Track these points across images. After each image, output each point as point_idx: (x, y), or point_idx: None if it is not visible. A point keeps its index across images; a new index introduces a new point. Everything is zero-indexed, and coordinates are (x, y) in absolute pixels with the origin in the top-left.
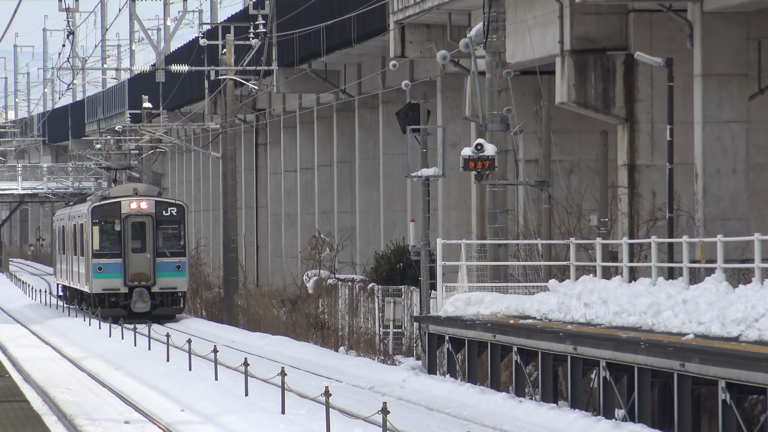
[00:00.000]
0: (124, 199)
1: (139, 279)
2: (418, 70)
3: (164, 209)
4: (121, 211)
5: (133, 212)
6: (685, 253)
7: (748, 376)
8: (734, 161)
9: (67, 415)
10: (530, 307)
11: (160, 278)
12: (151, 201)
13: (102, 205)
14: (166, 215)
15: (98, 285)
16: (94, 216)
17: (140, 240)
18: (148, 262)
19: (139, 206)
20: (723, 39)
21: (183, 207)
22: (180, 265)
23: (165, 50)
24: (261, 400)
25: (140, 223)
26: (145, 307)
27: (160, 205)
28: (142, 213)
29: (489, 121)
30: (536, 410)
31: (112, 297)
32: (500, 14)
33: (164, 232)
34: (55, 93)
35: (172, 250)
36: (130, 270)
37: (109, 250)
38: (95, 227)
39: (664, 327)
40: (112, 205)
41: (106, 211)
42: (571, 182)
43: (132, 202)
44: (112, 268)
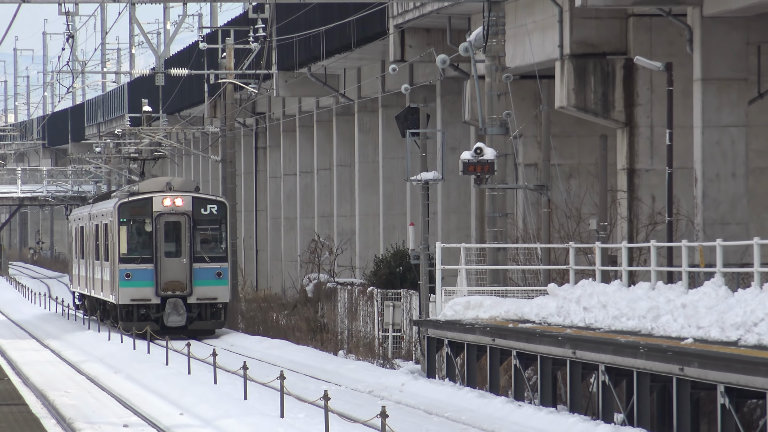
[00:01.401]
0: (156, 195)
1: (173, 288)
2: (418, 74)
3: (203, 206)
4: (152, 208)
5: (167, 210)
6: (684, 258)
7: (747, 380)
8: (734, 165)
9: (66, 418)
10: (529, 311)
11: (197, 287)
12: (187, 197)
13: (131, 202)
14: (205, 214)
15: (125, 295)
16: (121, 214)
17: (175, 242)
18: (183, 268)
19: (173, 203)
20: (722, 43)
21: (224, 204)
22: (221, 272)
23: (165, 54)
24: (260, 403)
25: (175, 222)
26: (179, 320)
27: (198, 202)
28: (177, 211)
29: (488, 125)
30: (535, 414)
31: (142, 309)
32: (500, 18)
33: (203, 234)
34: (55, 96)
35: (211, 255)
36: (162, 277)
37: (138, 254)
38: (123, 227)
39: (663, 331)
40: (142, 202)
41: (135, 208)
42: (571, 186)
43: (165, 198)
44: (141, 275)
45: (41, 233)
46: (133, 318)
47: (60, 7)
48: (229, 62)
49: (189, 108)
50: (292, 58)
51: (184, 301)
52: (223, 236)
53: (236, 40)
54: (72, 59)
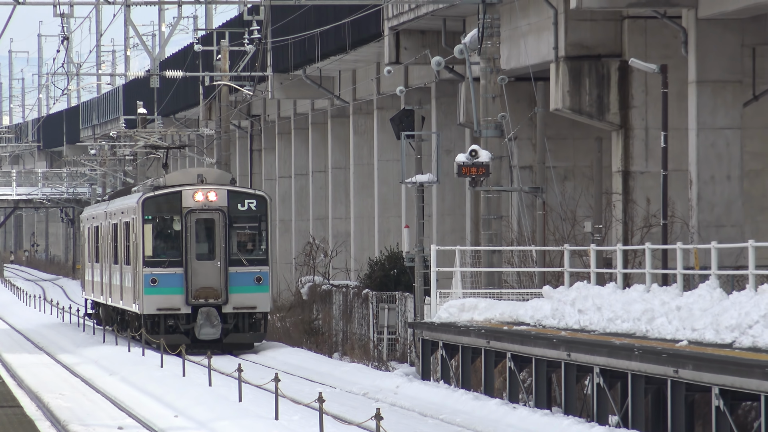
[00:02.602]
0: (187, 189)
1: (206, 295)
2: (413, 76)
3: (240, 202)
4: (182, 204)
5: (199, 206)
6: (679, 260)
7: (742, 382)
8: (729, 168)
9: (61, 420)
10: (524, 314)
11: (234, 294)
12: (222, 191)
13: (157, 197)
14: (243, 210)
15: (151, 303)
16: (146, 210)
17: (207, 243)
18: (217, 272)
19: (206, 198)
20: (717, 45)
21: (265, 199)
22: (260, 277)
23: (160, 56)
24: (255, 405)
25: (207, 220)
26: (213, 333)
27: (235, 197)
28: (211, 207)
29: (483, 128)
30: (530, 416)
31: (170, 319)
32: (495, 21)
33: (240, 233)
34: (50, 98)
35: (250, 257)
36: (193, 283)
37: (165, 257)
38: (147, 226)
39: (657, 333)
40: (170, 197)
41: (162, 204)
42: (566, 188)
43: (197, 192)
44: (169, 281)
45: (36, 236)
46: (160, 330)
47: (55, 9)
48: (224, 64)
49: (184, 110)
50: (287, 60)
51: (218, 311)
52: (263, 236)
53: (231, 42)
54: (67, 61)
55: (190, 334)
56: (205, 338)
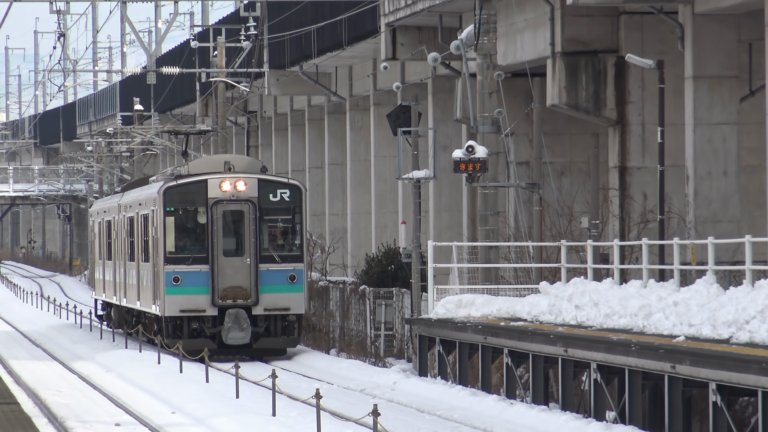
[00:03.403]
0: (213, 178)
1: (234, 296)
2: (409, 72)
3: (271, 192)
4: (207, 194)
5: (226, 196)
6: (676, 255)
7: (739, 378)
8: (725, 163)
9: (58, 417)
10: (521, 309)
11: (265, 294)
12: (251, 180)
13: (180, 186)
14: (275, 201)
15: (173, 304)
16: (168, 201)
17: (236, 237)
18: (247, 270)
19: (234, 187)
20: (714, 41)
21: (299, 189)
22: (294, 275)
23: (156, 52)
24: (252, 402)
25: (236, 212)
26: (242, 337)
27: (266, 186)
28: (239, 197)
29: (480, 123)
30: (527, 412)
31: (194, 322)
32: (491, 16)
33: (271, 226)
34: (47, 95)
35: (282, 253)
36: (220, 282)
37: (189, 253)
38: (169, 218)
39: (655, 329)
40: (194, 186)
41: (185, 194)
42: (562, 184)
43: (224, 181)
44: (193, 279)
45: (33, 232)
46: (183, 334)
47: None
48: (221, 61)
49: (180, 107)
50: (284, 57)
51: (247, 313)
52: (297, 229)
53: (228, 38)
54: (63, 58)
55: (216, 338)
56: (232, 343)
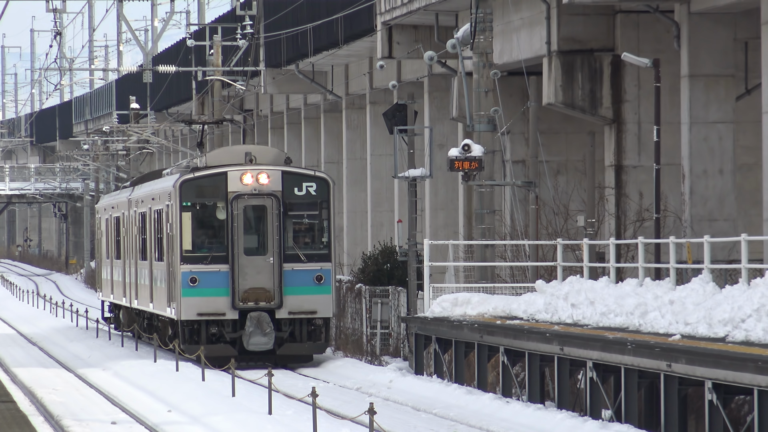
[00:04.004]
0: (233, 170)
1: (256, 298)
2: (406, 70)
3: (296, 185)
4: (227, 187)
5: (247, 190)
6: (672, 254)
7: (735, 376)
8: (721, 162)
9: (54, 415)
10: (517, 308)
11: (289, 296)
12: (275, 172)
13: (198, 180)
14: (300, 195)
15: (190, 307)
16: (184, 196)
17: (258, 234)
18: (270, 270)
19: (256, 180)
20: (710, 40)
21: (327, 182)
22: (321, 276)
23: (152, 51)
24: (248, 400)
25: (258, 207)
26: (265, 342)
27: (291, 179)
28: (262, 191)
29: (476, 122)
30: (523, 411)
31: (213, 326)
32: (487, 15)
33: (297, 223)
34: (43, 93)
35: (308, 251)
36: (241, 283)
37: (207, 251)
38: (186, 214)
39: (650, 327)
40: (213, 179)
41: (203, 188)
42: (558, 183)
43: (245, 173)
44: (212, 280)
45: (29, 231)
46: (201, 339)
47: (48, 4)
48: (217, 59)
49: (177, 105)
50: (280, 55)
51: (271, 316)
52: (324, 226)
53: (224, 37)
54: (60, 56)
55: (236, 344)
56: (255, 349)
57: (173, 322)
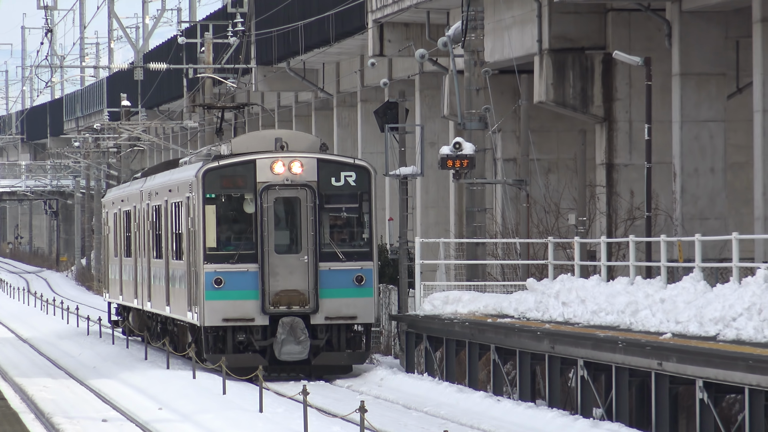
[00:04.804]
0: (263, 158)
1: (289, 301)
2: (397, 68)
3: (334, 175)
4: (256, 178)
5: (279, 180)
6: (663, 252)
7: (726, 375)
8: (712, 160)
9: (45, 413)
10: (508, 306)
11: (326, 300)
12: (310, 160)
13: (223, 169)
14: (338, 185)
15: (215, 312)
16: (208, 187)
17: (290, 230)
18: (304, 270)
19: (288, 169)
20: (701, 38)
21: (368, 171)
22: (362, 276)
23: (143, 48)
24: (239, 398)
25: (291, 199)
26: (299, 351)
27: (327, 168)
28: (295, 181)
29: (467, 120)
30: (514, 409)
31: (240, 333)
32: (479, 13)
33: (334, 217)
34: (34, 91)
35: (347, 249)
36: (272, 285)
37: (233, 249)
38: (210, 207)
39: (641, 326)
40: (240, 168)
41: (229, 178)
42: (550, 181)
43: (276, 161)
44: (239, 281)
45: (20, 228)
46: (226, 348)
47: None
48: (208, 57)
49: (168, 102)
50: (271, 53)
51: (305, 322)
52: (364, 220)
53: (215, 34)
54: (51, 54)
55: (266, 353)
56: (287, 359)
57: (194, 328)
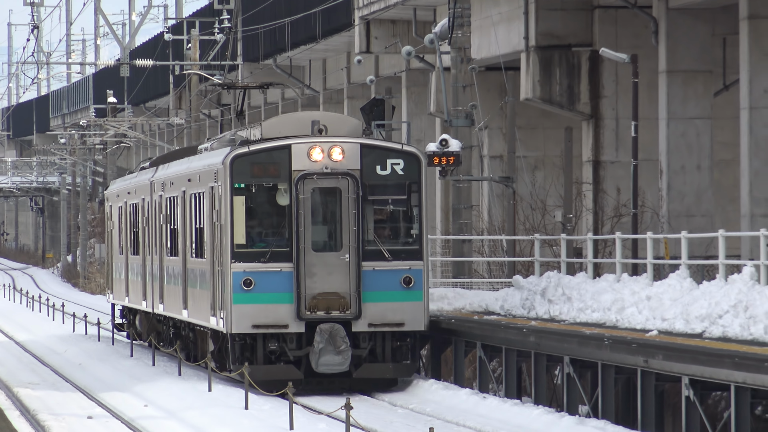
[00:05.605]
0: (298, 142)
1: (328, 306)
2: (383, 65)
3: (379, 162)
4: (291, 165)
5: (317, 168)
6: (649, 250)
7: (712, 372)
8: (699, 158)
9: (30, 410)
10: (494, 303)
11: (369, 304)
12: (352, 146)
13: (254, 155)
14: (384, 174)
15: (244, 317)
16: (236, 175)
17: (329, 225)
18: (345, 270)
19: (328, 156)
20: (688, 35)
21: (417, 158)
22: (410, 278)
23: (130, 45)
24: (224, 395)
25: (330, 190)
26: (339, 363)
27: (372, 154)
28: (335, 170)
29: (454, 117)
30: (500, 406)
31: (271, 341)
32: (465, 10)
33: (379, 210)
34: (20, 87)
35: (393, 246)
36: (308, 287)
37: (265, 246)
38: (238, 199)
39: (627, 323)
40: (273, 155)
41: (261, 165)
42: (536, 178)
43: (314, 147)
44: (271, 283)
45: (6, 225)
46: (255, 358)
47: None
48: (195, 53)
49: (154, 99)
50: (258, 50)
51: (346, 329)
52: (413, 214)
53: (201, 31)
54: (37, 50)
55: (301, 364)
56: (326, 370)
57: (217, 335)
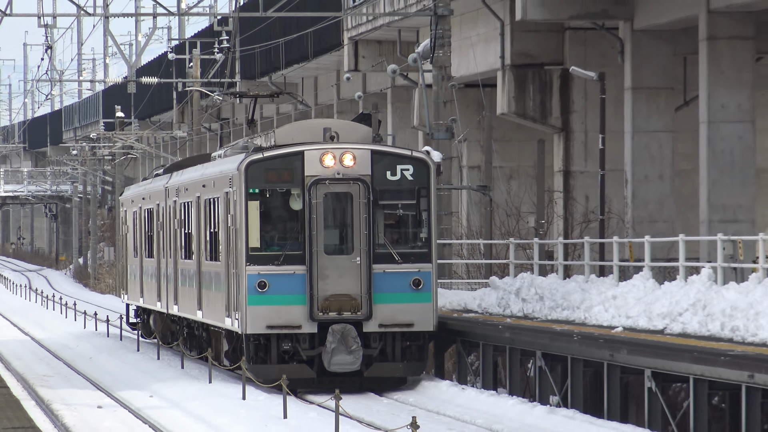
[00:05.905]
0: (311, 149)
1: (340, 307)
2: (370, 82)
3: (390, 168)
4: (304, 171)
5: (329, 174)
6: (615, 253)
7: (672, 365)
8: (661, 168)
9: (45, 400)
10: (472, 302)
11: (380, 305)
12: (363, 152)
13: (267, 161)
14: (394, 180)
15: (258, 318)
16: (251, 181)
17: (341, 229)
18: (356, 272)
19: (340, 162)
20: (651, 55)
21: (426, 164)
22: (420, 280)
23: (136, 64)
24: (224, 387)
25: (342, 195)
26: (351, 362)
27: (382, 160)
28: (347, 175)
29: (435, 130)
30: (477, 397)
31: (285, 341)
32: (446, 31)
33: (389, 214)
34: (35, 103)
35: (404, 250)
36: (320, 289)
37: (279, 249)
38: (253, 203)
39: (595, 320)
40: (287, 161)
41: (275, 171)
42: (511, 187)
43: (326, 153)
44: (284, 285)
45: (22, 230)
46: (269, 357)
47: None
48: (196, 71)
49: (159, 114)
50: (254, 68)
51: (357, 329)
52: (422, 218)
53: (202, 51)
54: (50, 68)
55: (314, 363)
56: (338, 370)
57: (231, 336)
